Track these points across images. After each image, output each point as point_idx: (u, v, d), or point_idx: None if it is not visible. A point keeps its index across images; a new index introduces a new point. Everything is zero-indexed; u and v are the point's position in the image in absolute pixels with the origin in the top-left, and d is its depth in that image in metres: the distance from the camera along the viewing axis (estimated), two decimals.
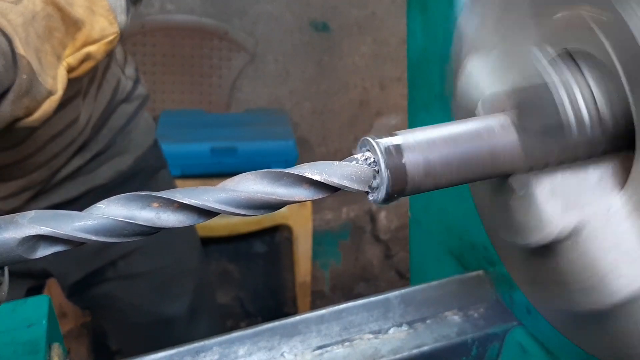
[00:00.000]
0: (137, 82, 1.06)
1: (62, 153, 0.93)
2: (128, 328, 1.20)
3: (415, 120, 0.82)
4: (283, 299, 2.20)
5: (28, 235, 0.30)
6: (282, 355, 0.62)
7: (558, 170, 0.38)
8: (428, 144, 0.36)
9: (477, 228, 0.68)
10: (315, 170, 0.33)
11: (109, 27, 0.69)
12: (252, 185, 0.33)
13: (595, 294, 0.37)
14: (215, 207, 0.32)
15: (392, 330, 0.65)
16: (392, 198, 0.35)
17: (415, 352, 0.63)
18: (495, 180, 0.41)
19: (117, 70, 1.00)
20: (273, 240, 2.14)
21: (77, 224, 0.31)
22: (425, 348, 0.63)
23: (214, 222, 1.35)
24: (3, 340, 0.61)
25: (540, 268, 0.42)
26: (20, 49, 0.59)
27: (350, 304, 0.67)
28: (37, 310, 0.64)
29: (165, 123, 1.91)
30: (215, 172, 1.82)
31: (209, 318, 1.23)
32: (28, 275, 1.06)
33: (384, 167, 0.34)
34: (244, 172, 0.33)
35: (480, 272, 0.72)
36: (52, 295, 0.73)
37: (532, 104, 0.38)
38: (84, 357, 2.02)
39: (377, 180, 0.35)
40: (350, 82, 2.17)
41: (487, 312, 0.68)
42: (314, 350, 0.63)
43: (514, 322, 0.67)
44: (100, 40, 0.69)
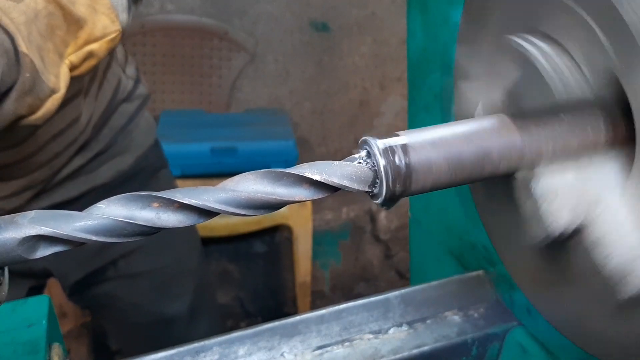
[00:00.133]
0: (137, 81, 1.06)
1: (63, 152, 0.93)
2: (128, 328, 1.20)
3: (415, 121, 0.82)
4: (283, 299, 2.20)
5: (28, 236, 0.30)
6: (282, 355, 0.62)
7: (561, 168, 0.38)
8: (428, 145, 0.36)
9: (477, 228, 0.68)
10: (315, 170, 0.33)
11: (111, 25, 0.69)
12: (252, 185, 0.33)
13: (601, 292, 0.37)
14: (216, 207, 0.32)
15: (392, 330, 0.65)
16: (392, 199, 0.35)
17: (415, 352, 0.63)
18: (498, 179, 0.41)
19: (118, 70, 1.00)
20: (273, 240, 2.14)
21: (77, 224, 0.31)
22: (425, 348, 0.63)
23: (214, 222, 1.35)
24: (3, 340, 0.61)
25: (543, 267, 0.42)
26: (23, 47, 0.59)
27: (350, 304, 0.66)
28: (37, 310, 0.64)
29: (165, 123, 1.91)
30: (215, 172, 1.82)
31: (209, 318, 1.23)
32: (29, 275, 1.06)
33: (384, 167, 0.34)
34: (244, 172, 0.33)
35: (480, 272, 0.72)
36: (52, 295, 0.73)
37: (525, 91, 0.38)
38: (84, 357, 2.01)
39: (377, 181, 0.35)
40: (350, 82, 2.17)
41: (487, 312, 0.68)
42: (314, 350, 0.63)
43: (514, 322, 0.67)
44: (103, 38, 0.69)
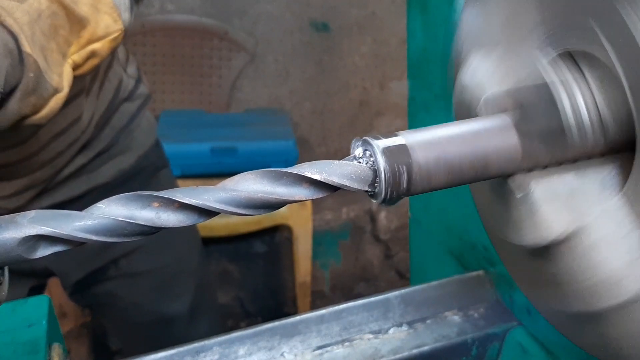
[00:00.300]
0: (139, 81, 1.06)
1: (65, 152, 0.93)
2: (129, 327, 1.20)
3: (415, 120, 0.82)
4: (283, 299, 2.20)
5: (28, 235, 0.30)
6: (282, 355, 0.62)
7: (557, 172, 0.38)
8: (428, 144, 0.36)
9: (477, 228, 0.68)
10: (315, 170, 0.33)
11: (113, 24, 0.70)
12: (252, 185, 0.33)
13: (595, 296, 0.37)
14: (216, 206, 0.32)
15: (392, 330, 0.65)
16: (392, 198, 0.35)
17: (415, 352, 0.63)
18: (495, 181, 0.41)
19: (119, 69, 1.00)
20: (273, 240, 2.14)
21: (77, 224, 0.31)
22: (425, 348, 0.63)
23: (214, 222, 1.35)
24: (3, 340, 0.61)
25: (540, 269, 0.42)
26: (27, 47, 0.59)
27: (350, 304, 0.66)
28: (37, 310, 0.64)
29: (165, 123, 1.91)
30: (215, 172, 1.82)
31: (210, 317, 1.23)
32: (30, 274, 1.07)
33: (383, 167, 0.34)
34: (244, 172, 0.33)
35: (480, 272, 0.72)
36: (52, 295, 0.73)
37: (533, 106, 0.38)
38: (84, 357, 2.02)
39: (376, 181, 0.35)
40: (350, 82, 2.17)
41: (487, 312, 0.68)
42: (314, 350, 0.63)
43: (514, 322, 0.67)
44: (105, 38, 0.70)
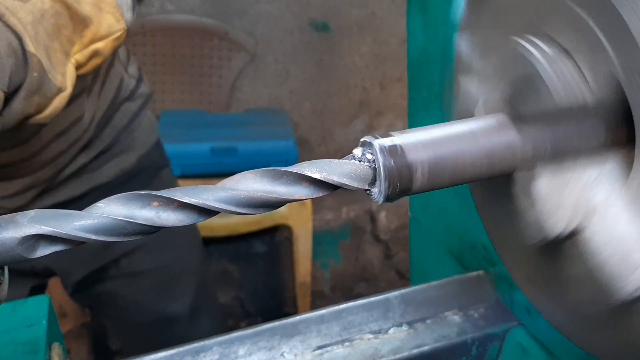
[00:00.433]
0: (140, 80, 1.06)
1: (67, 151, 0.93)
2: (130, 326, 1.20)
3: (415, 120, 0.82)
4: (283, 299, 2.20)
5: (28, 235, 0.30)
6: (282, 355, 0.62)
7: (559, 168, 0.38)
8: (428, 144, 0.36)
9: (477, 228, 0.68)
10: (315, 169, 0.33)
11: (116, 23, 0.70)
12: (251, 184, 0.33)
13: (599, 293, 0.37)
14: (215, 205, 0.32)
15: (392, 330, 0.65)
16: (392, 197, 0.35)
17: (415, 352, 0.63)
18: (497, 179, 0.41)
19: (120, 69, 1.00)
20: (273, 240, 2.14)
21: (77, 223, 0.31)
22: (425, 348, 0.63)
23: (214, 222, 1.35)
24: (3, 340, 0.61)
25: (542, 267, 0.42)
26: (31, 47, 0.60)
27: (350, 304, 0.66)
28: (37, 310, 0.64)
29: (165, 123, 1.91)
30: (215, 172, 1.82)
31: (211, 316, 1.23)
32: (31, 274, 1.07)
33: (383, 166, 0.34)
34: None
35: (480, 272, 0.72)
36: (52, 295, 0.73)
37: (525, 93, 0.38)
38: (84, 357, 2.02)
39: (376, 180, 0.35)
40: (350, 82, 2.17)
41: (487, 312, 0.68)
42: (314, 350, 0.63)
43: (514, 322, 0.67)
44: (108, 37, 0.70)
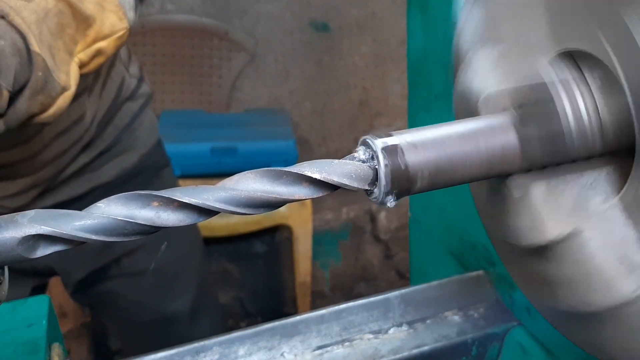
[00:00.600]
0: (141, 80, 1.06)
1: (68, 150, 0.93)
2: (130, 326, 1.20)
3: (415, 120, 0.82)
4: (283, 299, 2.20)
5: (28, 235, 0.30)
6: (282, 355, 0.62)
7: (555, 173, 0.38)
8: (428, 144, 0.36)
9: (477, 228, 0.68)
10: (315, 169, 0.33)
11: (119, 22, 0.70)
12: (251, 184, 0.33)
13: (592, 296, 0.37)
14: (215, 205, 0.32)
15: (392, 330, 0.65)
16: (391, 198, 0.35)
17: (415, 352, 0.63)
18: (494, 181, 0.41)
19: (121, 69, 1.01)
20: (273, 240, 2.14)
21: (77, 223, 0.31)
22: (425, 348, 0.63)
23: (214, 222, 1.35)
24: (3, 340, 0.61)
25: (538, 269, 0.42)
26: (35, 46, 0.60)
27: (350, 304, 0.66)
28: (37, 310, 0.64)
29: (165, 123, 1.91)
30: (215, 172, 1.82)
31: (211, 316, 1.23)
32: (32, 274, 1.07)
33: (383, 166, 0.34)
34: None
35: (480, 272, 0.72)
36: (52, 295, 0.73)
37: (533, 108, 0.38)
38: (84, 357, 2.01)
39: (376, 180, 0.35)
40: (350, 82, 2.16)
41: (487, 312, 0.68)
42: (314, 350, 0.63)
43: (514, 322, 0.67)
44: (111, 36, 0.70)
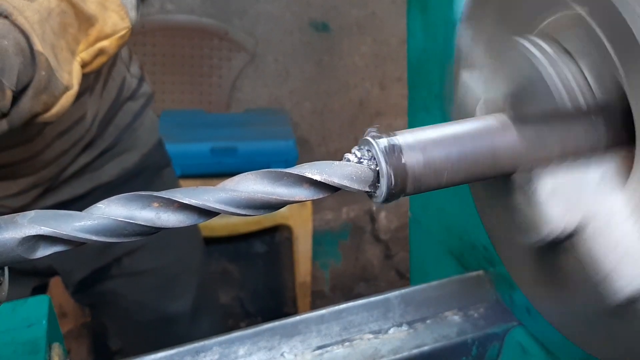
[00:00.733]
0: (142, 80, 1.06)
1: (69, 150, 0.93)
2: (131, 326, 1.20)
3: (415, 120, 0.82)
4: (283, 299, 2.20)
5: (28, 235, 0.30)
6: (282, 355, 0.62)
7: (559, 170, 0.38)
8: (428, 144, 0.36)
9: (477, 228, 0.68)
10: (316, 170, 0.33)
11: (121, 22, 0.71)
12: (252, 185, 0.33)
13: (598, 294, 0.37)
14: (216, 207, 0.32)
15: (392, 330, 0.65)
16: (392, 198, 0.35)
17: (415, 352, 0.63)
18: (497, 180, 0.41)
19: (122, 68, 1.01)
20: (273, 240, 2.14)
21: (77, 224, 0.31)
22: (425, 348, 0.63)
23: (214, 222, 1.34)
24: (3, 340, 0.61)
25: (542, 267, 0.42)
26: (38, 46, 0.60)
27: (350, 304, 0.67)
28: (37, 310, 0.64)
29: (165, 123, 1.90)
30: (215, 172, 1.82)
31: (212, 316, 1.23)
32: (34, 274, 1.07)
33: (384, 167, 0.34)
34: (244, 172, 0.33)
35: (480, 272, 0.72)
36: (52, 295, 0.73)
37: (527, 95, 0.38)
38: (84, 357, 2.02)
39: (377, 181, 0.35)
40: (350, 82, 2.16)
41: (487, 312, 0.68)
42: (314, 350, 0.63)
43: (514, 322, 0.67)
44: (113, 35, 0.71)
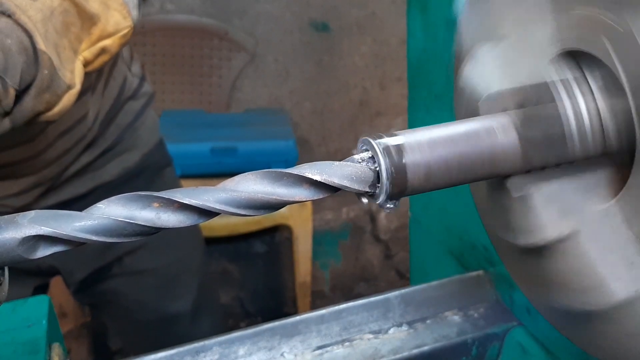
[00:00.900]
0: (143, 79, 1.06)
1: (71, 149, 0.94)
2: (132, 325, 1.20)
3: (415, 120, 0.82)
4: (283, 299, 2.20)
5: (28, 236, 0.30)
6: (282, 355, 0.62)
7: (555, 174, 0.38)
8: (428, 144, 0.36)
9: (477, 228, 0.68)
10: (316, 170, 0.33)
11: (123, 21, 0.71)
12: (252, 186, 0.33)
13: (591, 296, 0.37)
14: (216, 207, 0.32)
15: (392, 330, 0.65)
16: (392, 199, 0.35)
17: (415, 352, 0.63)
18: (494, 181, 0.41)
19: (123, 68, 1.01)
20: (273, 240, 2.14)
21: (77, 224, 0.31)
22: (425, 348, 0.63)
23: (214, 222, 1.34)
24: (3, 340, 0.61)
25: (538, 268, 0.42)
26: (41, 45, 0.60)
27: (350, 304, 0.67)
28: (37, 310, 0.64)
29: (165, 123, 1.90)
30: (215, 172, 1.82)
31: (212, 316, 1.23)
32: (36, 273, 1.07)
33: (384, 167, 0.34)
34: (244, 172, 0.33)
35: (480, 272, 0.72)
36: (52, 295, 0.73)
37: (535, 112, 0.38)
38: (84, 357, 2.02)
39: (377, 181, 0.35)
40: (350, 82, 2.16)
41: (487, 312, 0.68)
42: (314, 350, 0.63)
43: (514, 322, 0.67)
44: (115, 34, 0.71)
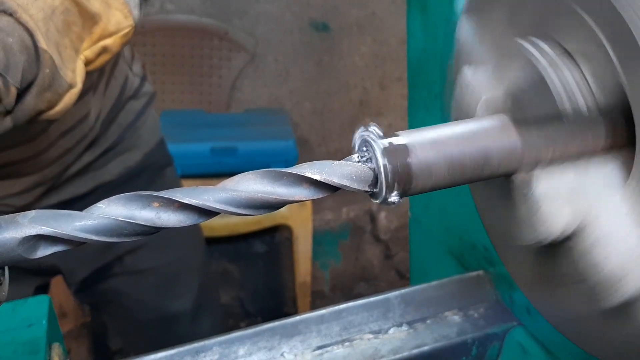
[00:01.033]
0: (144, 79, 1.07)
1: (73, 149, 0.94)
2: (132, 325, 1.20)
3: (415, 120, 0.82)
4: (283, 299, 2.20)
5: (28, 235, 0.30)
6: (282, 355, 0.62)
7: (559, 170, 0.38)
8: (428, 144, 0.36)
9: (477, 228, 0.68)
10: (315, 170, 0.33)
11: (124, 20, 0.71)
12: (252, 185, 0.33)
13: (598, 294, 0.37)
14: (216, 206, 0.32)
15: (392, 330, 0.65)
16: (394, 197, 0.35)
17: (415, 352, 0.63)
18: (497, 180, 0.41)
19: (125, 67, 1.01)
20: (273, 240, 2.14)
21: (77, 224, 0.31)
22: (425, 348, 0.63)
23: (214, 222, 1.35)
24: (3, 340, 0.61)
25: (542, 267, 0.42)
26: (43, 44, 0.60)
27: (350, 304, 0.67)
28: (37, 310, 0.64)
29: (165, 123, 1.89)
30: (215, 172, 1.82)
31: (213, 316, 1.23)
32: (37, 273, 1.07)
33: (384, 167, 0.34)
34: (244, 172, 0.33)
35: (480, 272, 0.72)
36: (52, 295, 0.73)
37: (528, 96, 0.38)
38: (84, 357, 2.01)
39: (377, 181, 0.35)
40: (350, 82, 2.16)
41: (487, 312, 0.68)
42: (314, 350, 0.63)
43: (514, 322, 0.67)
44: (116, 34, 0.71)
